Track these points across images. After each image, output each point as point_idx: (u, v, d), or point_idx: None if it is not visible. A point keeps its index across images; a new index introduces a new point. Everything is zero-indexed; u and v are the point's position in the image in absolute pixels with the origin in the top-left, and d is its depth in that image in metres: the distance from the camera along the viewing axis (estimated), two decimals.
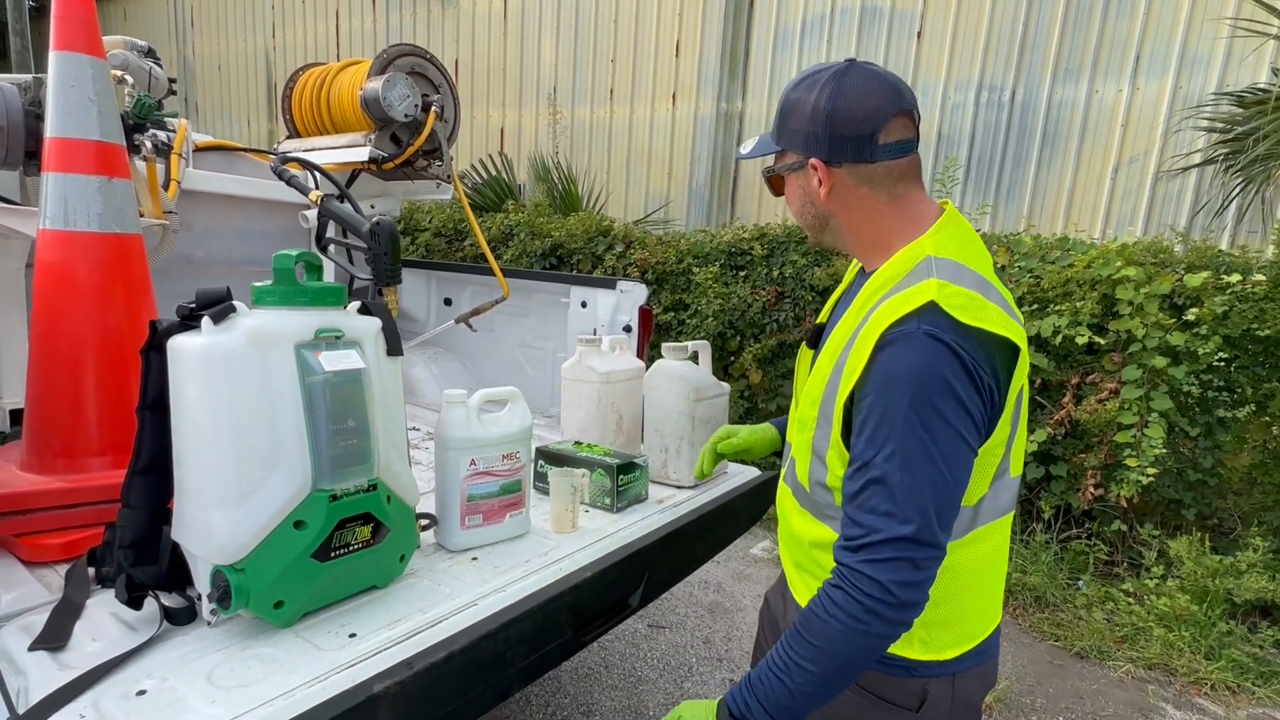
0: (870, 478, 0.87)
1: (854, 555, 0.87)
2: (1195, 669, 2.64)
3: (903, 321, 0.88)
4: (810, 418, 1.00)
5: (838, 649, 0.87)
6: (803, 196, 1.03)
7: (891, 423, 0.86)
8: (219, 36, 9.61)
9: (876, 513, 0.86)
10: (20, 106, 1.69)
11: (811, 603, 0.91)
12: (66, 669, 0.98)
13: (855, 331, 0.95)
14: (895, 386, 0.86)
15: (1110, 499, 3.10)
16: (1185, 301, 2.99)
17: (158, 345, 1.05)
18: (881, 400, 0.87)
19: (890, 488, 0.85)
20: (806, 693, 0.88)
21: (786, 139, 1.02)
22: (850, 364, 0.93)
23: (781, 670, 0.89)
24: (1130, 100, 4.32)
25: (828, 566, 0.94)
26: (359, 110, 2.34)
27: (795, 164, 1.02)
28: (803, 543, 1.07)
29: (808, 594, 0.98)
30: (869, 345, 0.90)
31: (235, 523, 1.00)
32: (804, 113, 0.97)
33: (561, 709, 2.33)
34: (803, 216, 1.06)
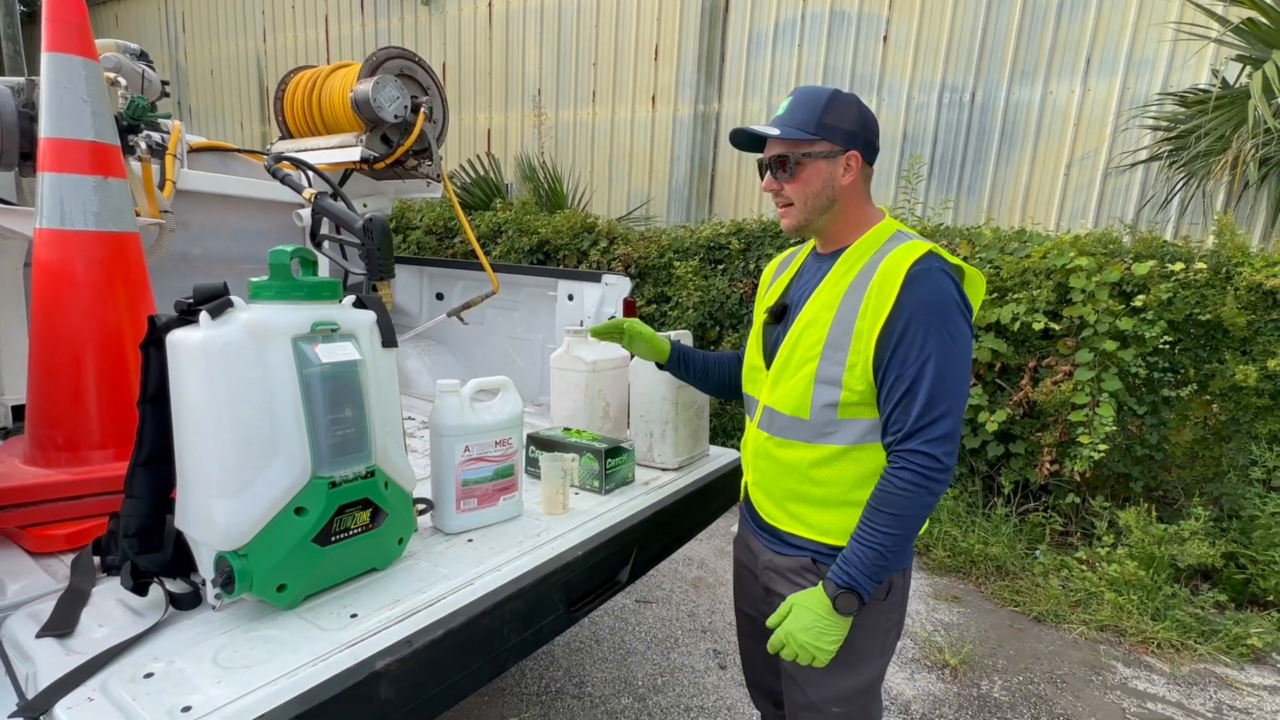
0: (914, 380, 1.09)
1: (910, 440, 1.10)
2: (1143, 629, 2.71)
3: (920, 261, 1.11)
4: (812, 356, 1.18)
5: (908, 512, 1.10)
6: (825, 180, 1.19)
7: (926, 337, 1.08)
8: (210, 41, 9.37)
9: (923, 406, 1.08)
10: (14, 108, 1.63)
11: (881, 485, 1.12)
12: (74, 654, 0.96)
13: (854, 283, 1.16)
14: (927, 310, 1.09)
15: (1065, 474, 3.16)
16: (1133, 289, 3.04)
17: (157, 340, 1.03)
18: (916, 322, 1.09)
19: (932, 386, 1.08)
20: (890, 550, 1.11)
21: (827, 131, 1.16)
22: (873, 302, 1.12)
23: (868, 541, 1.11)
24: (1082, 100, 4.37)
25: (827, 480, 1.20)
26: (350, 112, 2.30)
27: (829, 152, 1.17)
28: (799, 468, 1.22)
29: (811, 517, 1.22)
30: (894, 283, 1.10)
31: (237, 510, 0.99)
32: (850, 116, 1.17)
33: (555, 681, 2.34)
34: (816, 197, 1.19)
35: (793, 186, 1.20)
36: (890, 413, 1.12)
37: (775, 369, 1.25)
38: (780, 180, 1.21)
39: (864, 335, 1.13)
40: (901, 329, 1.10)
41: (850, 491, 1.19)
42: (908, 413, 1.10)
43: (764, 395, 1.28)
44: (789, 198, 1.21)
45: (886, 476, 1.12)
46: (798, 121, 1.17)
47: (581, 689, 2.30)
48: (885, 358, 1.11)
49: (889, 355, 1.11)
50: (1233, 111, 3.39)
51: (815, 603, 1.14)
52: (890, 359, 1.11)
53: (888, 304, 1.10)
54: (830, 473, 1.20)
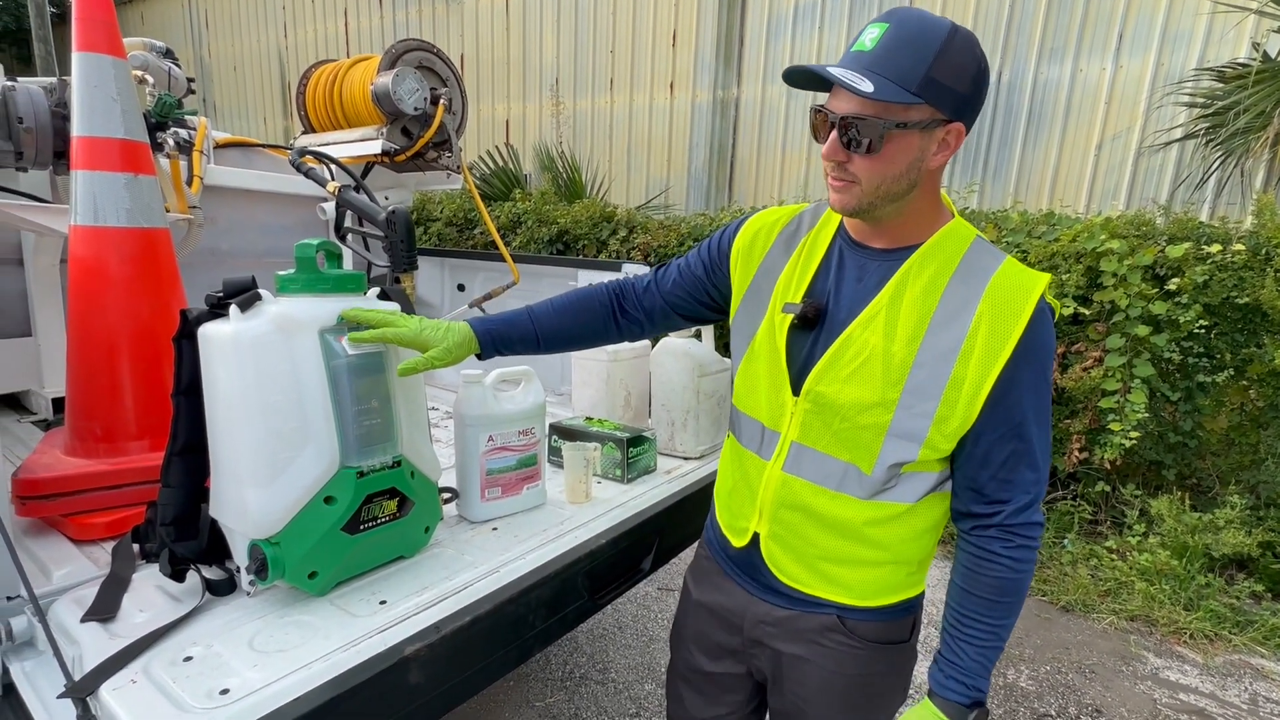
0: (1024, 443, 0.90)
1: (1023, 514, 0.92)
2: (1175, 620, 2.66)
3: (1040, 300, 0.88)
4: (882, 402, 0.90)
5: (1024, 592, 0.95)
6: (914, 157, 0.85)
7: (1038, 393, 0.90)
8: (233, 37, 9.49)
9: (1032, 473, 0.92)
10: (47, 107, 1.67)
11: (993, 570, 0.93)
12: (117, 638, 0.99)
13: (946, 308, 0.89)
14: (1042, 361, 0.89)
15: (1094, 461, 3.10)
16: (1167, 272, 2.95)
17: (189, 333, 1.05)
18: (1028, 371, 0.88)
19: (1038, 451, 0.91)
20: (1005, 642, 0.96)
21: (933, 94, 0.81)
22: (984, 341, 0.87)
23: (991, 642, 0.95)
24: (1114, 78, 4.23)
25: (885, 541, 0.97)
26: (370, 104, 2.31)
27: (928, 122, 0.83)
28: (851, 527, 0.97)
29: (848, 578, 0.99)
30: (1016, 322, 0.86)
31: (269, 499, 1.01)
32: (964, 71, 0.82)
33: (579, 667, 2.36)
34: (896, 180, 0.86)
35: (867, 163, 0.85)
36: (990, 479, 0.91)
37: (815, 402, 0.95)
38: (847, 149, 0.85)
39: (967, 385, 0.87)
40: (1009, 377, 0.87)
41: (904, 551, 0.99)
42: (1019, 482, 0.91)
43: (791, 429, 0.98)
44: (855, 174, 0.86)
45: (1000, 559, 0.92)
46: (899, 71, 0.80)
47: (605, 675, 2.33)
48: (989, 412, 0.89)
49: (994, 407, 0.88)
50: (1274, 86, 3.27)
51: None
52: (995, 414, 0.89)
53: (1006, 348, 0.86)
54: (888, 533, 0.97)
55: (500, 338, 1.14)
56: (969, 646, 0.95)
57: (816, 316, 0.96)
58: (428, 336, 1.09)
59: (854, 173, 0.87)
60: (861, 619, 1.01)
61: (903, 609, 1.03)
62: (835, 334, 0.94)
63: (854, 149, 0.85)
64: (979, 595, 0.94)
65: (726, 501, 1.12)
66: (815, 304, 0.96)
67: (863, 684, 1.04)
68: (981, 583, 0.94)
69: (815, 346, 0.96)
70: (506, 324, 1.15)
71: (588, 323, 1.17)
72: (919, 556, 1.01)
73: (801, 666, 1.04)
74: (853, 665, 1.03)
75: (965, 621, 0.96)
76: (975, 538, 0.95)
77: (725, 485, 1.13)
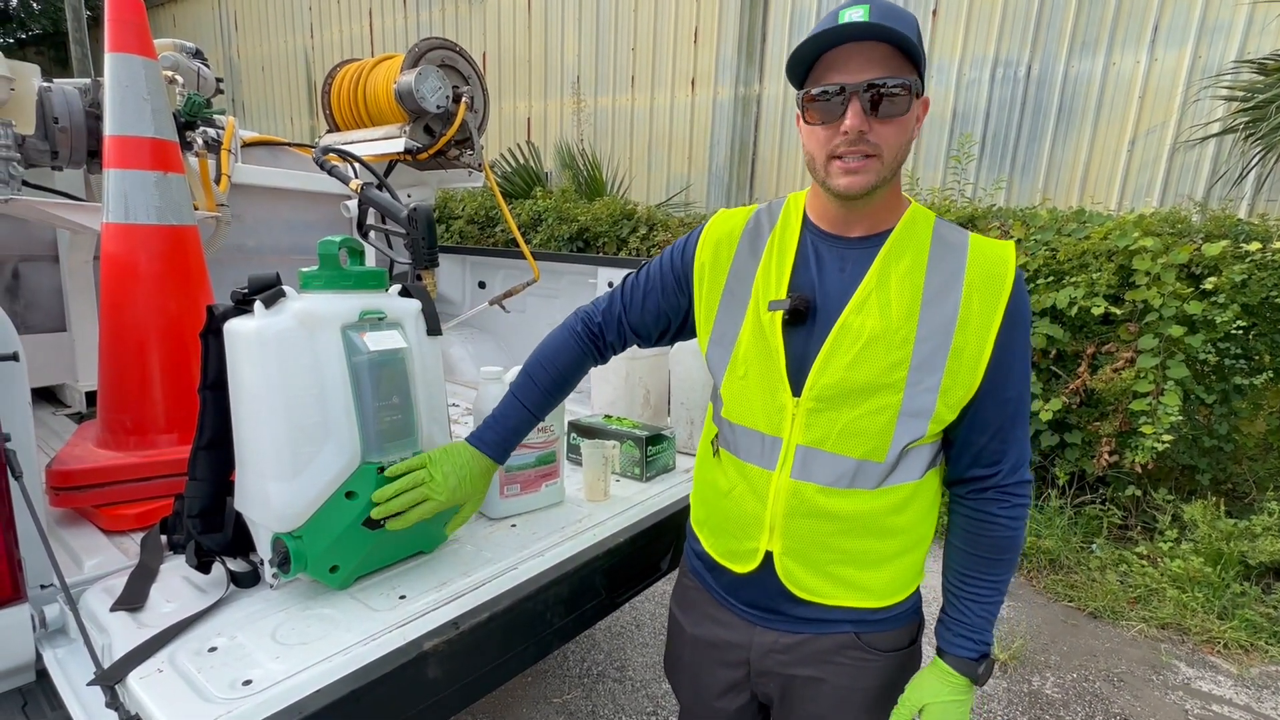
0: (1019, 408, 0.94)
1: (1016, 473, 0.95)
2: (1208, 628, 2.58)
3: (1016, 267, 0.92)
4: (890, 383, 0.89)
5: (1020, 548, 0.98)
6: (912, 127, 0.87)
7: (1025, 357, 0.93)
8: (261, 38, 9.65)
9: (1023, 434, 0.95)
10: (81, 108, 1.71)
11: (991, 530, 0.96)
12: (145, 627, 1.01)
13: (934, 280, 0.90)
14: (1026, 324, 0.93)
15: (1125, 465, 3.02)
16: (1203, 271, 2.86)
17: (215, 329, 1.06)
18: (1021, 339, 0.92)
19: (1026, 412, 0.95)
20: (1004, 594, 0.99)
21: (919, 65, 0.85)
22: (978, 306, 0.89)
23: (992, 598, 0.98)
24: (1148, 71, 4.12)
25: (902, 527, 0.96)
26: (394, 103, 2.32)
27: (919, 88, 0.86)
28: (870, 520, 0.94)
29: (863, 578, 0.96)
30: (1004, 285, 0.90)
31: (292, 493, 1.02)
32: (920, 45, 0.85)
33: (596, 664, 2.36)
34: (905, 149, 0.89)
35: (888, 130, 0.84)
36: (988, 442, 0.93)
37: (817, 397, 0.91)
38: (883, 118, 0.83)
39: (968, 353, 0.89)
40: (1010, 346, 0.90)
41: (918, 531, 0.98)
42: (1011, 443, 0.94)
43: (795, 432, 0.93)
44: (878, 144, 0.84)
45: (998, 519, 0.95)
46: (912, 29, 0.82)
47: (623, 673, 2.33)
48: (987, 377, 0.90)
49: (994, 373, 0.90)
50: None
51: (955, 689, 0.98)
52: (993, 379, 0.90)
53: (998, 311, 0.89)
54: (905, 519, 0.96)
55: (509, 443, 1.15)
56: (973, 604, 0.98)
57: (807, 309, 0.93)
58: (460, 495, 1.10)
59: (876, 143, 0.84)
60: (877, 629, 1.00)
61: (911, 610, 1.04)
62: (829, 324, 0.92)
63: (888, 114, 0.83)
64: (980, 555, 0.97)
65: (719, 526, 1.04)
66: (804, 297, 0.94)
67: (879, 694, 1.03)
68: (981, 543, 0.97)
69: (810, 340, 0.93)
70: (506, 430, 1.15)
71: (571, 376, 1.19)
72: (930, 535, 1.01)
73: (817, 687, 1.01)
74: (869, 678, 1.01)
75: (968, 580, 0.98)
76: (973, 501, 0.98)
77: (712, 510, 1.06)
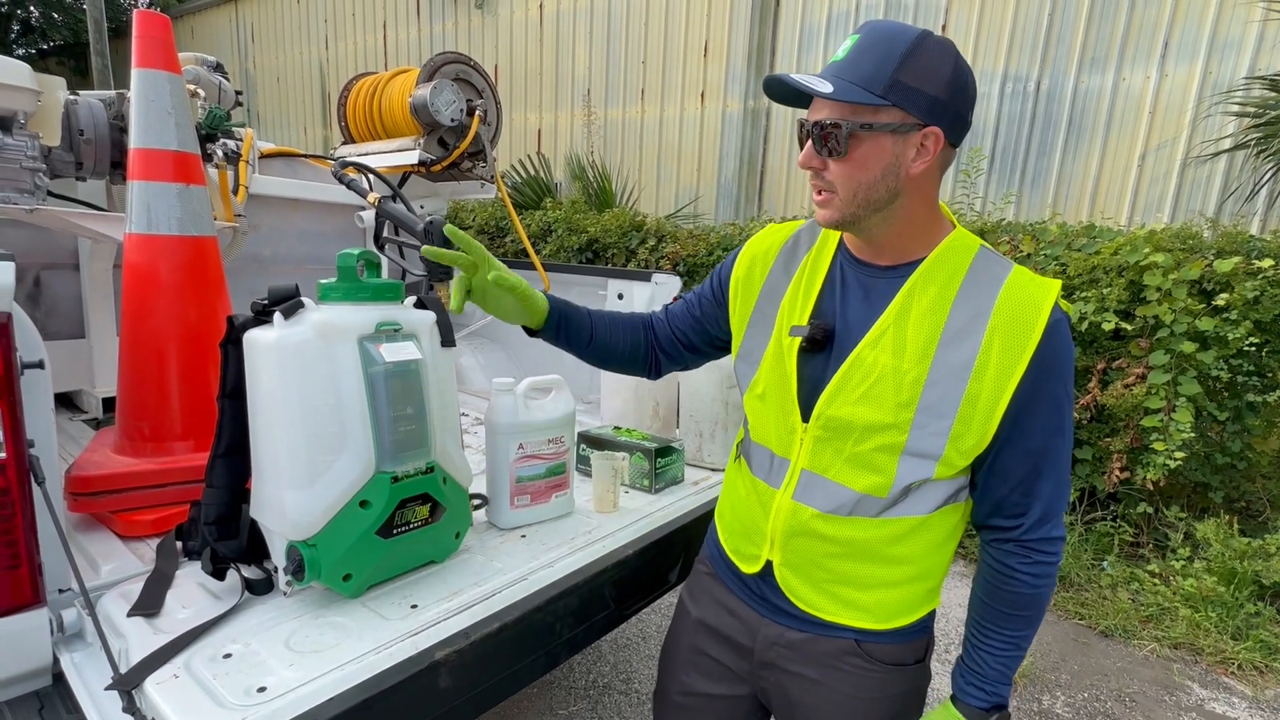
0: (1045, 458, 0.89)
1: (1042, 528, 0.91)
2: (1222, 649, 2.55)
3: (1058, 307, 0.87)
4: (896, 424, 0.88)
5: (1044, 606, 0.95)
6: (888, 165, 0.84)
7: (1058, 405, 0.88)
8: (277, 49, 9.81)
9: (1052, 488, 0.90)
10: (106, 120, 1.75)
11: (1010, 584, 0.93)
12: (161, 633, 1.02)
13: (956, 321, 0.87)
14: (1060, 373, 0.87)
15: (1136, 482, 3.00)
16: (1215, 287, 2.85)
17: (235, 339, 1.08)
18: (1048, 384, 0.86)
19: (1058, 466, 0.90)
20: (1025, 651, 0.96)
21: (901, 95, 0.81)
22: (999, 355, 0.85)
23: (1010, 653, 0.95)
24: (1158, 87, 4.12)
25: (904, 557, 0.95)
26: (409, 116, 2.36)
27: (900, 126, 0.82)
28: (869, 548, 0.95)
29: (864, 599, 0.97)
30: (1031, 334, 0.84)
31: (307, 502, 1.03)
32: (940, 74, 0.82)
33: (602, 676, 2.36)
34: (872, 189, 0.85)
35: (841, 168, 0.85)
36: (1009, 493, 0.91)
37: (824, 426, 0.92)
38: (824, 157, 0.86)
39: (983, 401, 0.85)
40: (1027, 392, 0.85)
41: (926, 564, 0.97)
42: (1036, 496, 0.90)
43: (801, 456, 0.95)
44: (832, 182, 0.86)
45: (1018, 574, 0.92)
46: (862, 75, 0.82)
47: (629, 685, 2.32)
48: (1007, 427, 0.87)
49: (1013, 423, 0.87)
50: None
51: None
52: (1014, 429, 0.87)
53: (1023, 359, 0.84)
54: (908, 549, 0.95)
55: (565, 316, 1.12)
56: (989, 655, 0.96)
57: (825, 338, 0.94)
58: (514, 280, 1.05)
59: (830, 181, 0.87)
60: (879, 642, 1.00)
61: (918, 629, 1.02)
62: (845, 354, 0.92)
63: (824, 153, 0.86)
64: (997, 608, 0.95)
65: (732, 526, 1.09)
66: (823, 325, 0.94)
67: (880, 706, 1.03)
68: (1000, 596, 0.94)
69: (825, 369, 0.93)
70: (572, 309, 1.13)
71: (631, 346, 1.17)
72: (940, 568, 1.00)
73: (817, 690, 1.02)
74: (870, 688, 1.01)
75: (985, 631, 0.96)
76: (995, 550, 0.96)
77: (731, 509, 1.10)
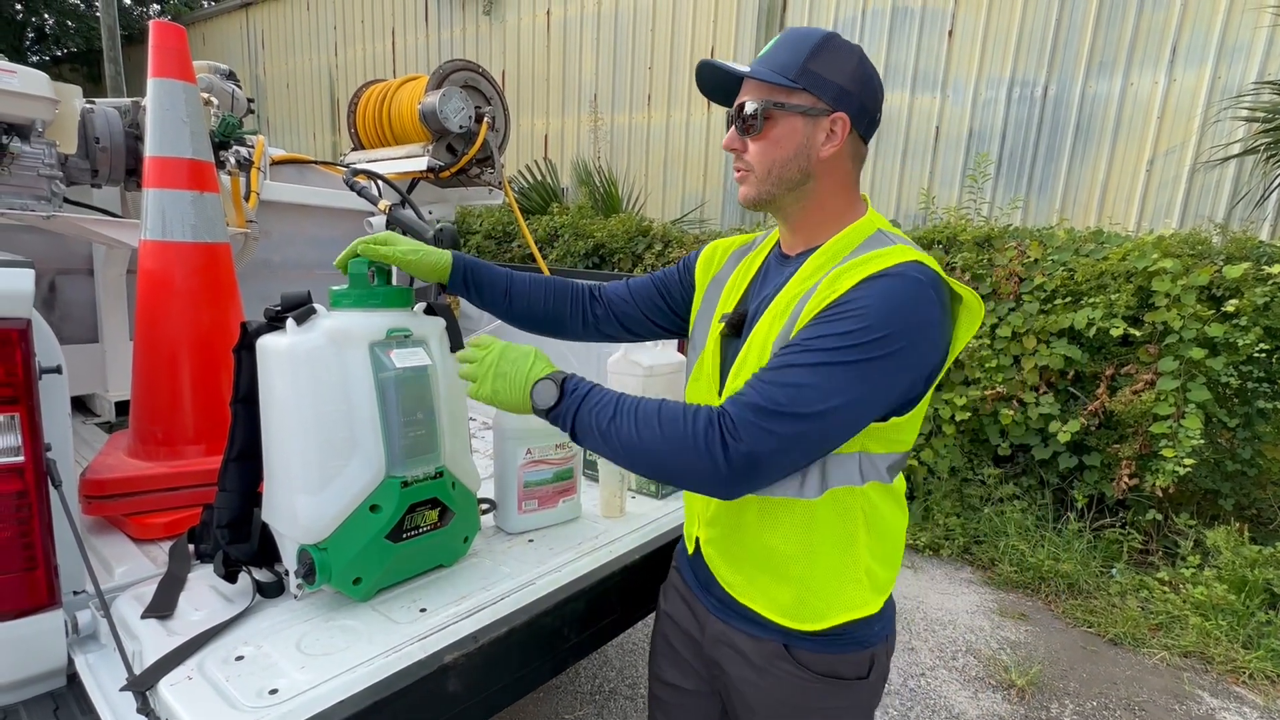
0: (795, 365, 0.83)
1: (742, 409, 0.83)
2: (1233, 658, 2.53)
3: (898, 266, 0.84)
4: None
5: (661, 447, 0.84)
6: (799, 146, 0.91)
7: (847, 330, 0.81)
8: (287, 56, 9.90)
9: (775, 386, 0.82)
10: (122, 128, 1.78)
11: (683, 407, 0.87)
12: (174, 635, 1.04)
13: (809, 290, 0.90)
14: (847, 312, 0.82)
15: (1145, 488, 2.98)
16: (1224, 293, 2.84)
17: (248, 344, 1.10)
18: (826, 322, 0.83)
19: (806, 380, 0.81)
20: (606, 439, 0.88)
21: (810, 80, 0.89)
22: (814, 303, 0.86)
23: (618, 413, 0.87)
24: (1166, 92, 4.11)
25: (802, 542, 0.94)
26: (418, 123, 2.38)
27: (810, 109, 0.90)
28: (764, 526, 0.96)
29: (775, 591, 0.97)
30: (848, 282, 0.84)
31: (318, 506, 1.05)
32: (845, 67, 0.90)
33: (608, 681, 2.36)
34: (784, 167, 0.92)
35: (757, 146, 0.93)
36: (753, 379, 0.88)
37: (725, 396, 0.94)
38: (743, 136, 0.94)
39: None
40: (814, 323, 0.85)
41: (834, 560, 0.94)
42: (762, 385, 0.83)
43: None
44: (750, 162, 0.95)
45: (692, 409, 0.86)
46: (777, 63, 0.91)
47: (634, 690, 2.32)
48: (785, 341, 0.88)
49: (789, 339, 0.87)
50: None
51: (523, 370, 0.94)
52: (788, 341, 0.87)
53: (827, 301, 0.85)
54: (802, 535, 0.94)
55: (474, 269, 1.19)
56: (611, 394, 0.90)
57: (740, 323, 1.00)
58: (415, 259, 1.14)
59: (749, 160, 0.95)
60: (808, 648, 0.98)
61: (854, 640, 0.98)
62: (747, 336, 0.98)
63: (743, 134, 0.94)
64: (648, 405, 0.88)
65: (686, 511, 1.16)
66: (740, 311, 1.02)
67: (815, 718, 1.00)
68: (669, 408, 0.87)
69: (737, 352, 0.99)
70: (484, 266, 1.20)
71: (556, 306, 1.22)
72: (855, 565, 0.95)
73: (751, 694, 1.02)
74: (801, 697, 0.99)
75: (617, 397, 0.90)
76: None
77: (687, 496, 1.15)
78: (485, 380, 0.96)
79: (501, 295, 1.20)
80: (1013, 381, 3.22)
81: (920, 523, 3.45)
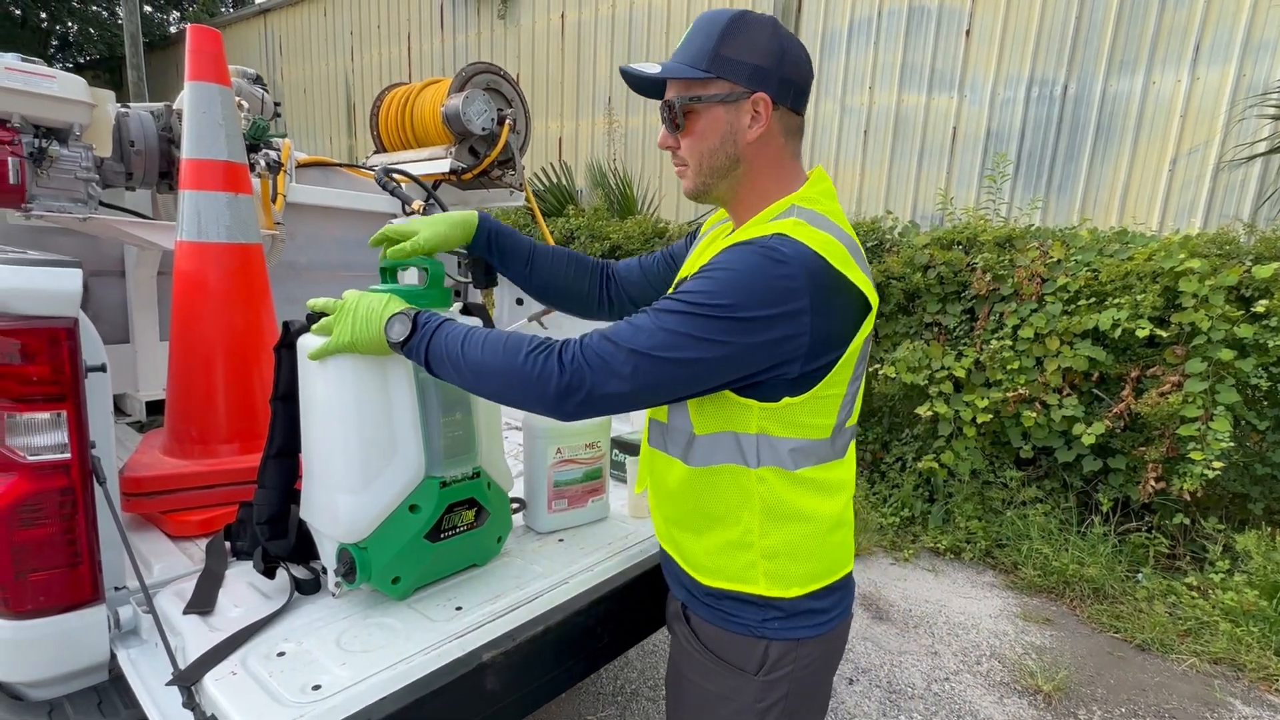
0: (647, 311, 0.87)
1: (589, 336, 0.87)
2: (1265, 665, 2.48)
3: (756, 239, 0.85)
4: None
5: (502, 367, 0.88)
6: (724, 133, 0.91)
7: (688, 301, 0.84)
8: (304, 61, 10.01)
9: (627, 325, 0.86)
10: (155, 132, 1.80)
11: (531, 337, 0.90)
12: (215, 631, 1.05)
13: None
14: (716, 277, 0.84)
15: (1172, 492, 2.94)
16: (1253, 293, 2.80)
17: (289, 343, 1.11)
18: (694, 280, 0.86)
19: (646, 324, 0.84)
20: (457, 366, 0.91)
21: (723, 67, 0.89)
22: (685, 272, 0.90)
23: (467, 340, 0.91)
24: (1190, 90, 4.06)
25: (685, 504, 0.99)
26: (440, 125, 2.40)
27: (729, 95, 0.90)
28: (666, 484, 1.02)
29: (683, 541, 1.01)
30: (709, 254, 0.88)
31: (359, 506, 1.05)
32: (757, 44, 0.89)
33: (630, 682, 2.36)
34: (713, 157, 0.93)
35: (687, 141, 0.94)
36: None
37: None
38: (674, 134, 0.95)
39: None
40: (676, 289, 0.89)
41: (709, 521, 0.97)
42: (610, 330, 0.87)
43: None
44: (685, 157, 0.96)
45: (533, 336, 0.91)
46: (689, 55, 0.90)
47: (657, 691, 2.32)
48: None
49: None
50: None
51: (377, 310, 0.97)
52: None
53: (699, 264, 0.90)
54: (683, 491, 0.99)
55: (499, 233, 1.21)
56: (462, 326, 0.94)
57: None
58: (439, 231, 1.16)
59: (683, 156, 0.97)
60: (702, 614, 0.99)
61: (743, 624, 0.95)
62: None
63: (672, 131, 0.96)
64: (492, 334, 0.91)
65: None
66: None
67: (695, 694, 0.99)
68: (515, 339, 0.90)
69: None
70: (510, 231, 1.23)
71: (577, 279, 1.25)
72: (733, 545, 0.94)
73: (672, 648, 1.09)
74: (687, 665, 1.02)
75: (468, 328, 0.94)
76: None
77: None
78: (345, 326, 0.99)
79: (524, 262, 1.23)
80: (1035, 383, 3.18)
81: (941, 526, 3.42)
